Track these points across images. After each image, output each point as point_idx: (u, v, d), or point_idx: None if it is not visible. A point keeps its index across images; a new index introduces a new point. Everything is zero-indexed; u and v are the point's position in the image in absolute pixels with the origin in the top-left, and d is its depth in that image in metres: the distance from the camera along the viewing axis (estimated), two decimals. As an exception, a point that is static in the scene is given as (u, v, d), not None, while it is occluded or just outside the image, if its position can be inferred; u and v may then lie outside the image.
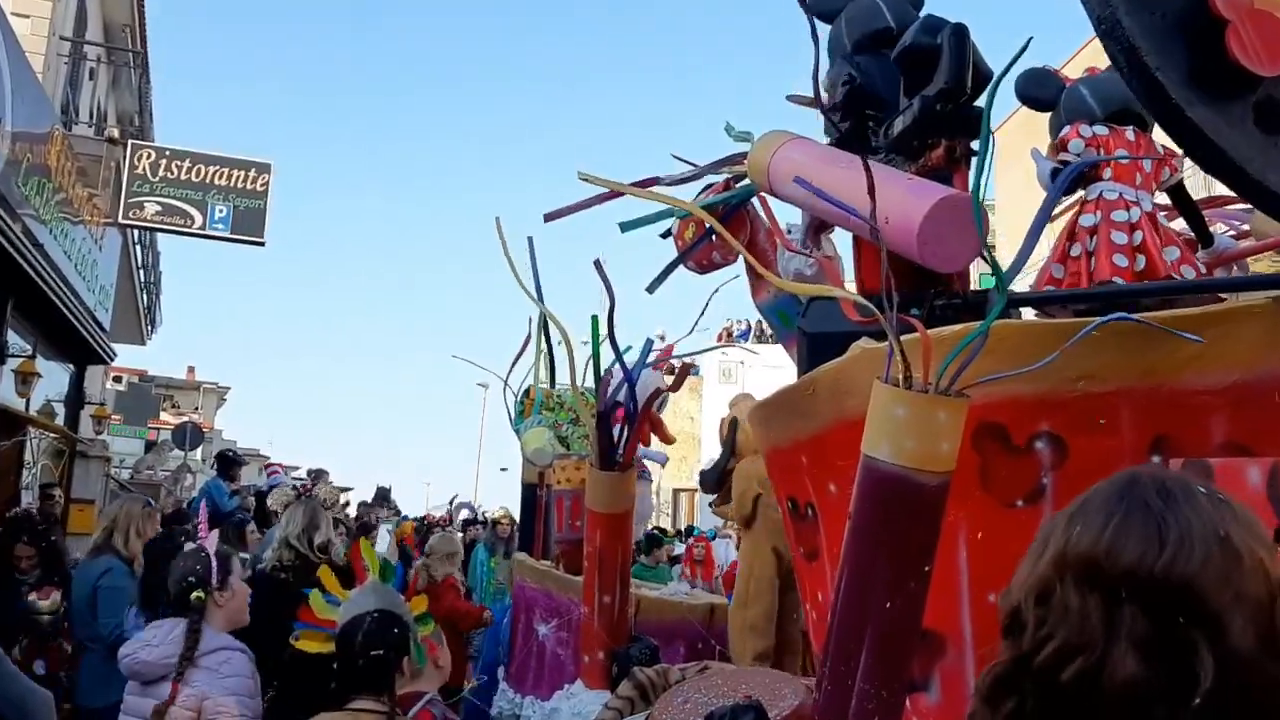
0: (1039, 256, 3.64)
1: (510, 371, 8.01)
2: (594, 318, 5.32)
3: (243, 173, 17.68)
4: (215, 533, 4.44)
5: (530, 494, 7.80)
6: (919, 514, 2.81)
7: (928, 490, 2.81)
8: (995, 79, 2.72)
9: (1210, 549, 1.13)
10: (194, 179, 17.48)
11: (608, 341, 5.22)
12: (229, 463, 13.73)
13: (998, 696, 1.23)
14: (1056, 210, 3.92)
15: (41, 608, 6.08)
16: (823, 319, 3.59)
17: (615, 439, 5.57)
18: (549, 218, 4.44)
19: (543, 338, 7.16)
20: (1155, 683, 1.10)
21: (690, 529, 15.09)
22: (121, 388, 35.00)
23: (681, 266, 4.71)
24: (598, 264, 4.77)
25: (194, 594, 3.90)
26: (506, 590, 10.07)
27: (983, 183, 2.69)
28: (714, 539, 12.83)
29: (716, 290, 4.94)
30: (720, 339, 26.73)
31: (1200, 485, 1.23)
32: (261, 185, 17.86)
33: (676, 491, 32.64)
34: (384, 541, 11.62)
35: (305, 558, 5.68)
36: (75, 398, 17.25)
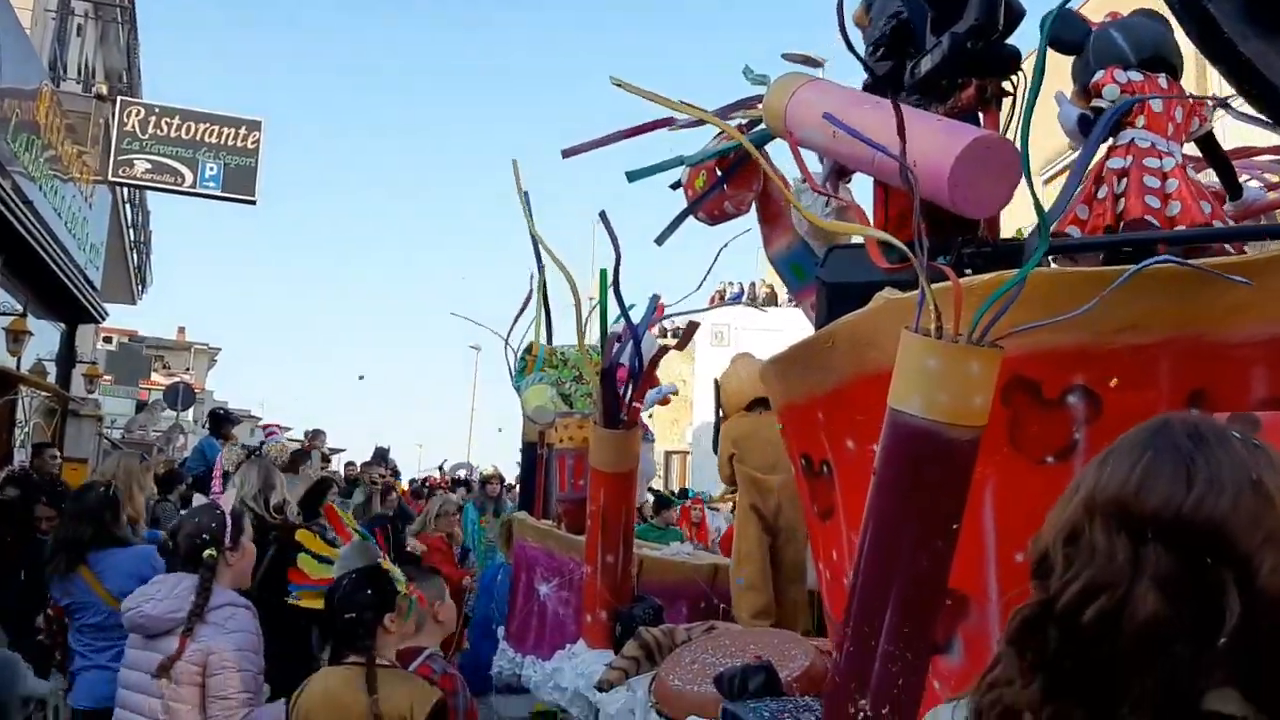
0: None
1: (511, 329, 7.89)
2: (603, 271, 5.19)
3: (233, 130, 17.54)
4: (231, 491, 4.35)
5: (530, 453, 7.70)
6: (949, 470, 2.70)
7: (959, 446, 2.70)
8: (1057, 9, 2.58)
9: (1241, 491, 1.12)
10: (184, 136, 17.33)
11: (612, 297, 5.10)
12: (221, 420, 13.63)
13: (1023, 639, 1.21)
14: (1064, 164, 3.81)
15: None
16: (843, 269, 3.46)
17: (620, 397, 5.46)
18: (567, 154, 4.29)
19: (543, 295, 7.04)
20: (1177, 622, 1.09)
21: (685, 491, 14.96)
22: (112, 348, 34.91)
23: (691, 218, 4.57)
24: (603, 216, 4.64)
25: (206, 551, 3.84)
26: (497, 548, 9.95)
27: (1030, 121, 2.55)
28: (706, 503, 12.74)
29: (725, 245, 4.81)
30: (712, 302, 26.56)
31: (1235, 430, 1.22)
32: (252, 143, 17.74)
33: (669, 454, 32.60)
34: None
35: (261, 519, 5.41)
36: (66, 356, 17.15)
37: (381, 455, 17.75)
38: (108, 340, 33.93)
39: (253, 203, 18.26)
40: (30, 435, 13.69)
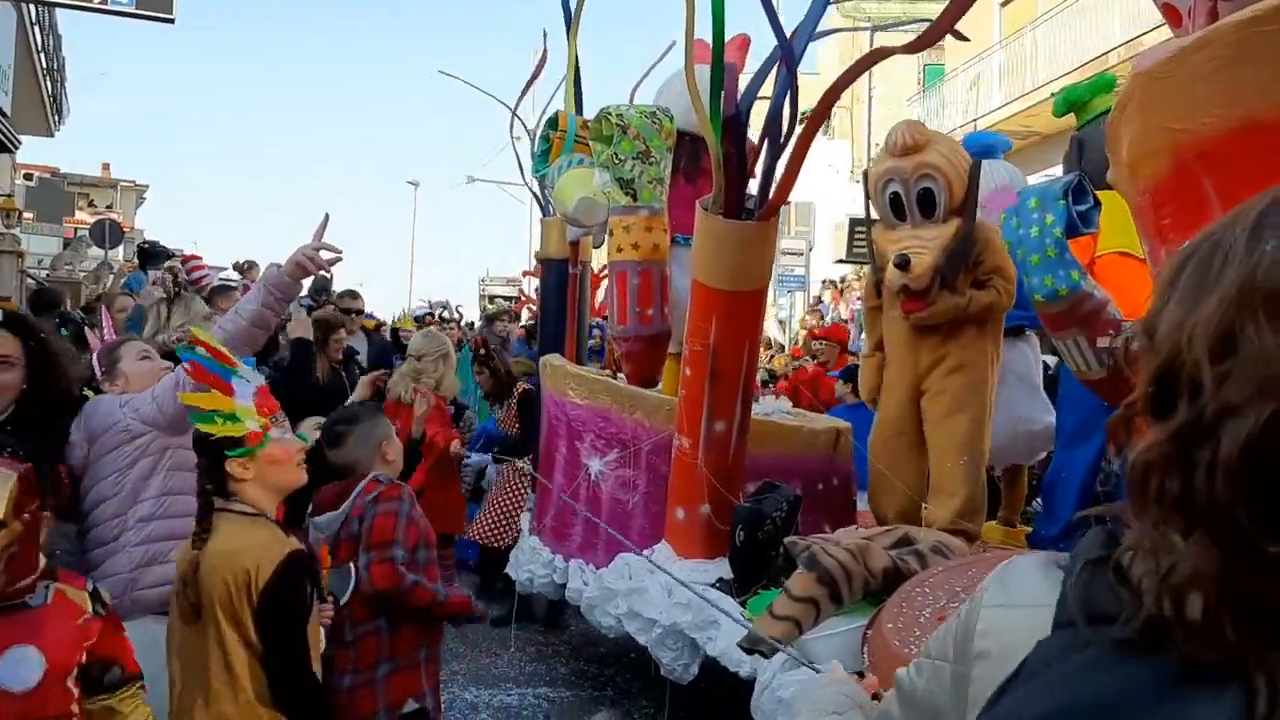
0: None
1: (521, 98, 5.75)
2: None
3: (144, -63, 15.24)
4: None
5: (558, 273, 5.53)
6: None
7: None
8: None
9: None
10: (90, -55, 15.15)
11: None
12: (149, 255, 12.21)
13: (1150, 479, 0.82)
14: None
15: None
16: None
17: (750, 168, 3.38)
18: None
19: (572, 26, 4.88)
20: None
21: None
22: (32, 184, 33.80)
23: None
24: None
25: (84, 392, 3.68)
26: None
27: None
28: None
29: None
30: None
31: None
32: (166, -49, 15.47)
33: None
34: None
35: None
36: (-24, 187, 15.34)
37: (321, 286, 14.80)
38: (28, 178, 33.15)
39: (170, 21, 16.15)
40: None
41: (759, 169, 3.38)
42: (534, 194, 5.62)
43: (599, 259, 5.95)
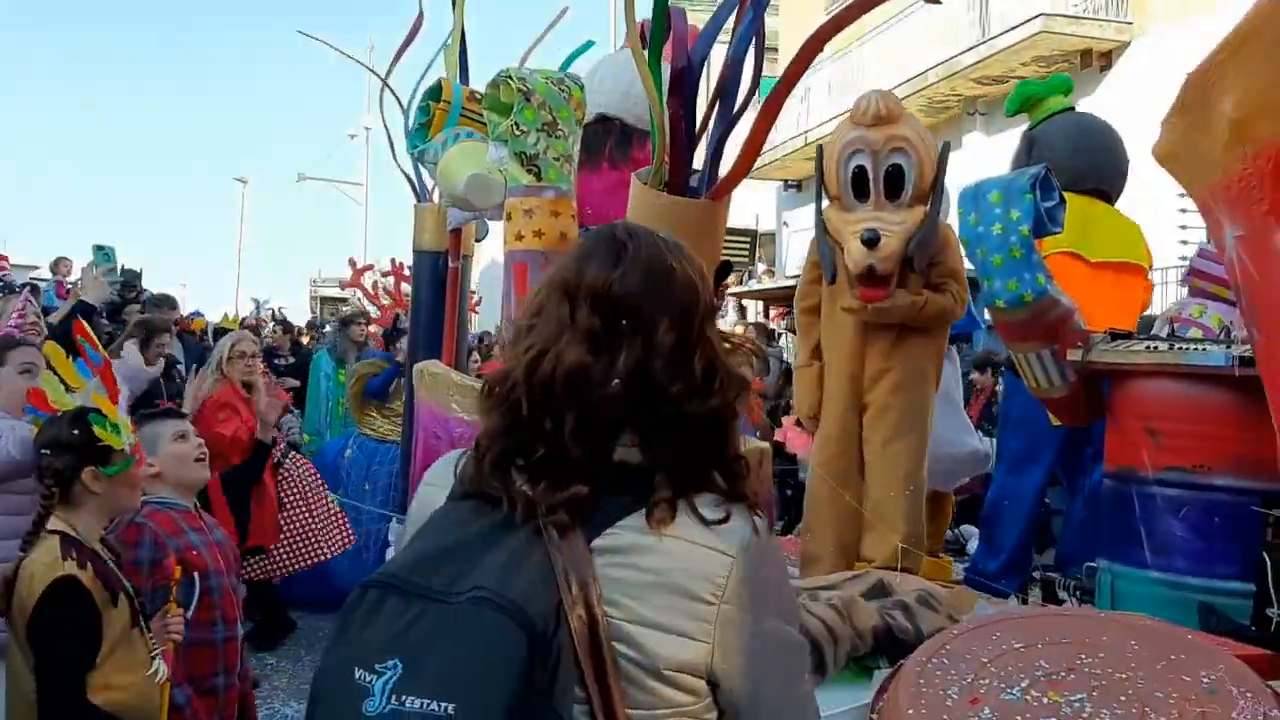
0: None
1: (393, 65, 5.08)
2: None
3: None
4: None
5: (434, 267, 4.81)
6: None
7: None
8: None
9: (653, 269, 1.38)
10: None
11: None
12: None
13: (493, 391, 1.41)
14: None
15: None
16: None
17: (696, 129, 2.81)
18: None
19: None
20: (594, 368, 1.33)
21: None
22: None
23: None
24: None
25: None
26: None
27: None
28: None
29: None
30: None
31: (661, 232, 1.47)
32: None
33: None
34: None
35: None
36: None
37: (130, 281, 13.41)
38: None
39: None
40: None
41: (707, 136, 2.82)
42: (407, 176, 4.93)
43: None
